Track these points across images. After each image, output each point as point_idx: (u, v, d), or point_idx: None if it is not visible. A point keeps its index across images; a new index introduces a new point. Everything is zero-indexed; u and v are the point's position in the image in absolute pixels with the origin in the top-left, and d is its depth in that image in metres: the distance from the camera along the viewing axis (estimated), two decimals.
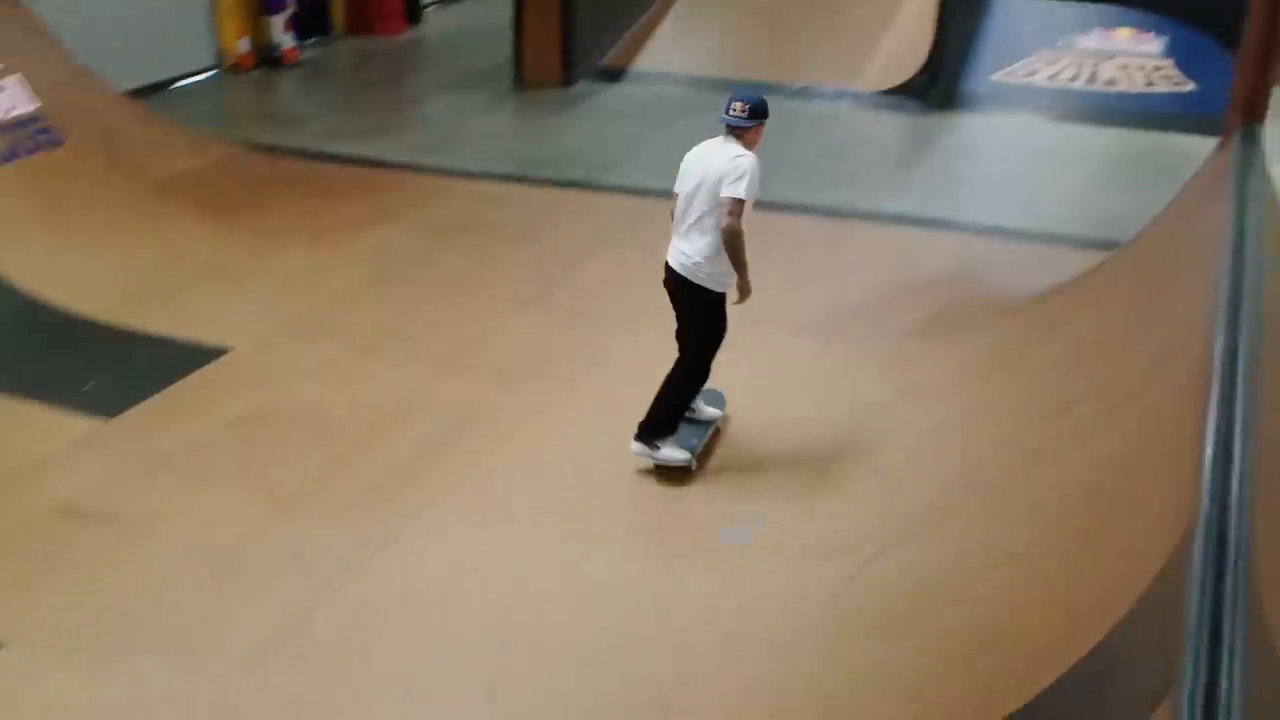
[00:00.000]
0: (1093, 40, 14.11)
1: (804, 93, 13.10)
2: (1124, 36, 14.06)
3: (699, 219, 5.49)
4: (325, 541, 5.22)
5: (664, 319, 7.25)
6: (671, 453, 5.80)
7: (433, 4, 17.90)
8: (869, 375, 6.79)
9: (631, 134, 11.86)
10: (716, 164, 5.42)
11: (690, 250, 5.56)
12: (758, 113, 5.48)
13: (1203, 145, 7.99)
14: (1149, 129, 12.25)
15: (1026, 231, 9.23)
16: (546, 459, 5.97)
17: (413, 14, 16.95)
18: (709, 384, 6.01)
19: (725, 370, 6.12)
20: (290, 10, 14.48)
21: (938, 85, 13.27)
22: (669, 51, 14.57)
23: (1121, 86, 13.38)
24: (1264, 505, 3.10)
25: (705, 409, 6.19)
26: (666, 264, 5.68)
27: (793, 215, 9.19)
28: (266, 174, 10.41)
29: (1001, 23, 14.70)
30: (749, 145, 5.49)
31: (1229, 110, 7.19)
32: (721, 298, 5.67)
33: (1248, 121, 6.97)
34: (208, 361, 6.80)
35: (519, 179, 10.42)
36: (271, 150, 11.06)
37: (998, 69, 13.88)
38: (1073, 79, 13.60)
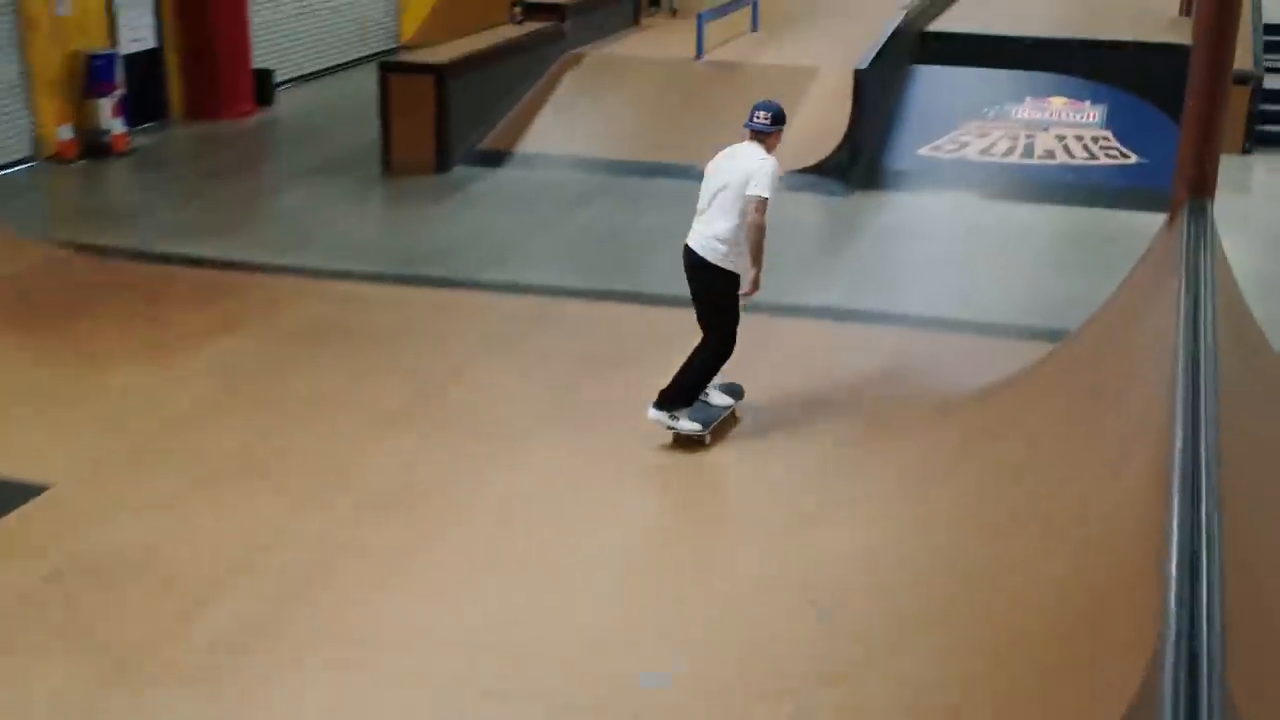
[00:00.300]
0: (1026, 110, 14.69)
1: None
2: (1058, 105, 14.67)
3: (723, 210, 6.95)
4: (168, 713, 5.05)
5: (554, 436, 7.25)
6: (688, 424, 7.07)
7: (286, 82, 18.02)
8: (801, 491, 6.87)
9: (518, 225, 11.96)
10: (743, 166, 6.97)
11: (709, 232, 7.04)
12: (779, 119, 7.11)
13: (1150, 221, 8.31)
14: (1092, 205, 12.75)
15: (965, 322, 9.48)
16: (425, 604, 5.88)
17: (263, 94, 17.04)
18: (732, 378, 7.44)
19: (640, 493, 6.03)
20: (119, 92, 14.45)
21: (859, 162, 13.64)
22: (558, 131, 14.78)
23: (1060, 159, 13.90)
24: (1235, 623, 3.17)
25: (718, 396, 7.39)
26: (686, 245, 7.15)
27: None
28: (92, 279, 10.27)
29: (926, 93, 15.20)
30: (770, 149, 7.07)
31: (1175, 184, 7.47)
32: (735, 281, 7.06)
33: (1195, 196, 7.24)
34: (22, 502, 6.61)
35: (390, 279, 10.43)
36: (98, 252, 10.94)
37: (925, 143, 14.32)
38: (1007, 152, 14.10)
